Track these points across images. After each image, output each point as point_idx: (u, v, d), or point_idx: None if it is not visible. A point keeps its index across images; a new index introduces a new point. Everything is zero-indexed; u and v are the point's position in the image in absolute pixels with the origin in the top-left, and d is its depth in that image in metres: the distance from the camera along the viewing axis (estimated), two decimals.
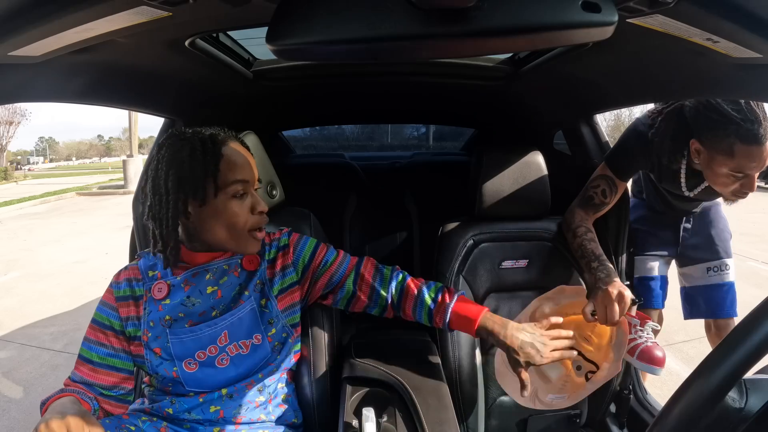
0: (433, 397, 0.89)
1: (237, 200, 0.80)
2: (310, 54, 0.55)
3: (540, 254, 1.27)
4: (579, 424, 1.22)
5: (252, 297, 0.86)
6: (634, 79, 1.03)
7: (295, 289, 0.92)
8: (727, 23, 0.57)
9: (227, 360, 0.84)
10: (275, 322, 0.88)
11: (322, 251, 0.94)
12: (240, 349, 0.85)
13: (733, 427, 0.45)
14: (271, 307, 0.88)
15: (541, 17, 0.48)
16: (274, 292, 0.89)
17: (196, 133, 0.81)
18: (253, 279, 0.88)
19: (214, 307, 0.85)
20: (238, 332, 0.84)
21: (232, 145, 0.82)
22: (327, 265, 0.93)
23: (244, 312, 0.85)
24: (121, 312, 0.85)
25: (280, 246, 0.93)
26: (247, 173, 0.81)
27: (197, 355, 0.83)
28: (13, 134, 25.14)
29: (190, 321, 0.83)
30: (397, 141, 3.11)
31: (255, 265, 0.89)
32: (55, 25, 0.56)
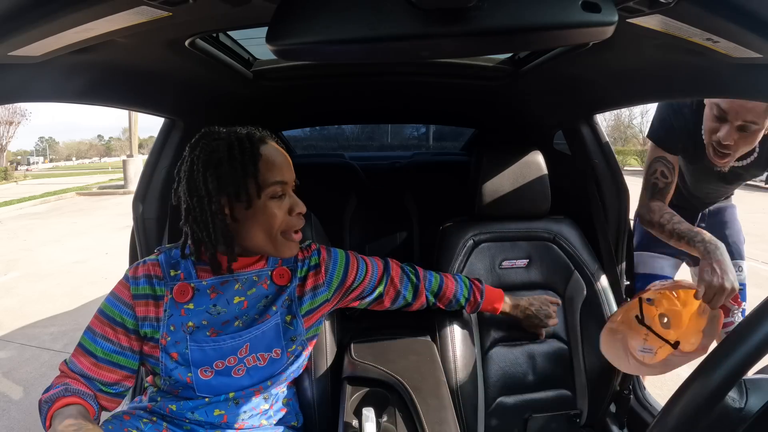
0: (433, 397, 0.89)
1: (276, 201, 0.78)
2: (310, 54, 0.55)
3: (540, 254, 1.27)
4: (579, 424, 1.22)
5: (279, 312, 0.85)
6: (634, 79, 1.03)
7: (324, 306, 0.92)
8: (727, 23, 0.57)
9: (243, 370, 0.82)
10: (297, 339, 0.87)
11: (353, 268, 0.95)
12: (258, 361, 0.83)
13: (733, 427, 0.45)
14: (297, 324, 0.87)
15: (541, 17, 0.48)
16: (302, 311, 0.87)
17: (232, 132, 0.79)
18: (282, 295, 0.86)
19: (238, 317, 0.82)
20: (259, 345, 0.83)
21: (270, 143, 0.81)
22: (359, 282, 0.95)
23: (268, 326, 0.84)
24: (137, 311, 0.80)
25: (311, 265, 0.91)
26: (286, 174, 0.80)
27: (215, 364, 0.80)
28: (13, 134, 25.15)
29: (213, 329, 0.80)
30: (397, 141, 3.11)
31: (286, 280, 0.87)
32: (55, 25, 0.56)
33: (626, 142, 26.33)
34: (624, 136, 26.91)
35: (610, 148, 1.42)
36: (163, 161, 1.37)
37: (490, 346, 1.20)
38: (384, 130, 3.07)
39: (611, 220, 1.37)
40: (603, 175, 1.38)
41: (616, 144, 24.55)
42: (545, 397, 1.21)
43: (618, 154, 2.03)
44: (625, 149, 20.39)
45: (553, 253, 1.27)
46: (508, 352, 1.21)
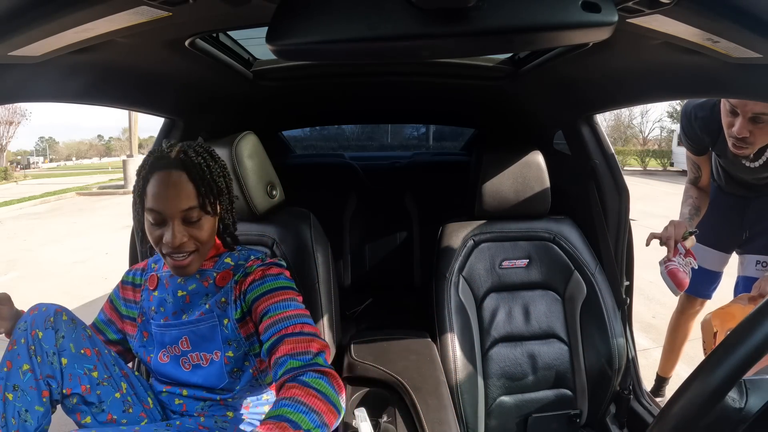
0: (433, 397, 0.89)
1: (153, 226, 0.81)
2: (310, 54, 0.55)
3: (540, 254, 1.27)
4: (579, 424, 1.22)
5: (214, 312, 0.86)
6: (634, 79, 1.03)
7: (249, 319, 0.86)
8: (727, 23, 0.57)
9: (189, 365, 0.87)
10: (234, 344, 0.85)
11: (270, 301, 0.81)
12: (200, 360, 0.86)
13: (733, 427, 0.45)
14: (232, 328, 0.85)
15: (541, 17, 0.48)
16: (236, 316, 0.85)
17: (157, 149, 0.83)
18: (217, 294, 0.87)
19: (183, 309, 0.88)
20: (199, 343, 0.86)
21: (167, 172, 0.79)
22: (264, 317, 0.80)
23: (204, 325, 0.86)
24: (122, 293, 0.96)
25: (246, 272, 0.87)
26: (162, 206, 0.78)
27: (167, 348, 0.88)
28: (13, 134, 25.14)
29: (166, 317, 0.88)
30: (397, 141, 3.11)
31: (225, 281, 0.88)
32: (55, 25, 0.56)
33: (626, 142, 26.33)
34: (624, 136, 26.90)
35: (610, 148, 1.42)
36: None
37: (490, 345, 1.20)
38: (384, 130, 3.07)
39: (611, 220, 1.37)
40: (603, 175, 1.38)
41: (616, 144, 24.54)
42: (545, 397, 1.21)
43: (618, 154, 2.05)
44: (625, 149, 20.39)
45: (553, 253, 1.27)
46: (508, 352, 1.21)
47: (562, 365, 1.22)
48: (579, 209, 1.40)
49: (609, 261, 1.32)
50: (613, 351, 1.19)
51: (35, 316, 0.81)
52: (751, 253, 1.51)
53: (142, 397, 0.88)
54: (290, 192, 1.22)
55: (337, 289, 1.16)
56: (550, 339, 1.23)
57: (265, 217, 1.11)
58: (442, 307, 1.16)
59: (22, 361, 0.78)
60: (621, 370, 1.20)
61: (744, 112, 1.12)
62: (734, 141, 1.19)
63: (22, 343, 0.78)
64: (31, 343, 0.78)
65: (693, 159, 1.50)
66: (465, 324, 1.16)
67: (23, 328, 0.80)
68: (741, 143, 1.18)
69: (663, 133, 25.53)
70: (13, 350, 0.78)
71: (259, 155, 1.09)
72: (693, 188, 1.52)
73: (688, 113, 1.41)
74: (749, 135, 1.15)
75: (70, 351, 0.80)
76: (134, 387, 0.88)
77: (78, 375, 0.80)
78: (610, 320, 1.20)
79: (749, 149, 1.20)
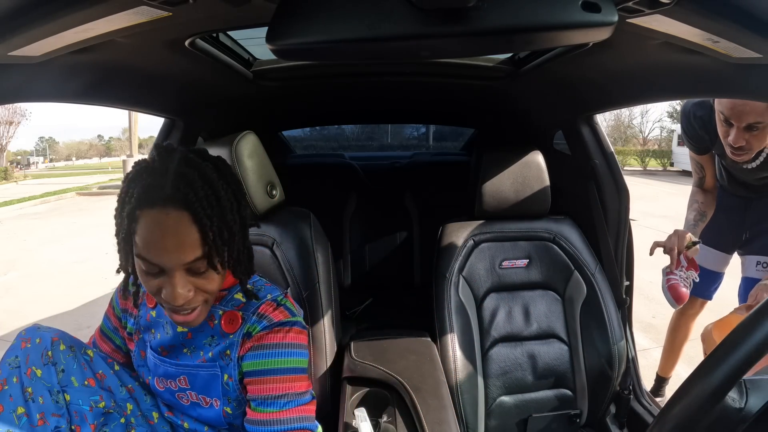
0: (433, 397, 0.89)
1: (147, 275, 0.64)
2: (310, 54, 0.55)
3: (540, 254, 1.27)
4: (579, 424, 1.22)
5: (216, 363, 0.76)
6: (634, 79, 1.03)
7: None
8: (727, 23, 0.57)
9: (188, 401, 0.80)
10: (234, 402, 0.78)
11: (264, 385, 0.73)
12: (200, 401, 0.79)
13: (733, 427, 0.45)
14: (233, 387, 0.76)
15: (541, 17, 0.48)
16: (239, 376, 0.76)
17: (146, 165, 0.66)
18: (222, 344, 0.76)
19: (184, 344, 0.78)
20: (198, 386, 0.78)
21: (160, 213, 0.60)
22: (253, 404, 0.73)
23: (206, 372, 0.77)
24: (122, 304, 0.87)
25: (250, 332, 0.75)
26: (157, 257, 0.62)
27: (162, 380, 0.80)
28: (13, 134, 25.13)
29: (162, 348, 0.79)
30: (397, 141, 3.11)
31: (234, 328, 0.76)
32: (55, 25, 0.56)
33: (626, 142, 26.34)
34: (624, 136, 26.91)
35: (610, 148, 1.43)
36: None
37: (490, 345, 1.20)
38: (384, 130, 3.07)
39: (611, 220, 1.37)
40: (603, 175, 1.38)
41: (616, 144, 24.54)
42: (545, 397, 1.21)
43: (618, 154, 2.06)
44: (625, 149, 20.39)
45: (553, 253, 1.27)
46: (508, 352, 1.21)
47: (562, 365, 1.22)
48: (579, 209, 1.40)
49: (609, 261, 1.32)
50: (613, 351, 1.19)
51: (29, 351, 0.71)
52: (752, 253, 1.52)
53: (148, 415, 0.83)
54: (290, 192, 1.21)
55: (337, 288, 1.16)
56: (550, 339, 1.23)
57: (265, 217, 1.11)
58: (442, 307, 1.16)
59: (16, 403, 0.67)
60: (621, 370, 1.20)
61: (738, 123, 1.14)
62: (731, 149, 1.21)
63: (14, 383, 0.68)
64: (27, 384, 0.68)
65: (696, 159, 1.51)
66: (465, 324, 1.16)
67: (14, 365, 0.69)
68: (738, 151, 1.20)
69: (663, 133, 25.56)
70: (3, 391, 0.67)
71: (259, 155, 1.09)
72: (699, 192, 1.52)
73: (687, 112, 1.42)
74: (745, 143, 1.16)
75: (73, 386, 0.73)
76: (139, 404, 0.82)
77: (84, 412, 0.73)
78: (610, 320, 1.20)
79: (746, 155, 1.22)
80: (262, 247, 1.09)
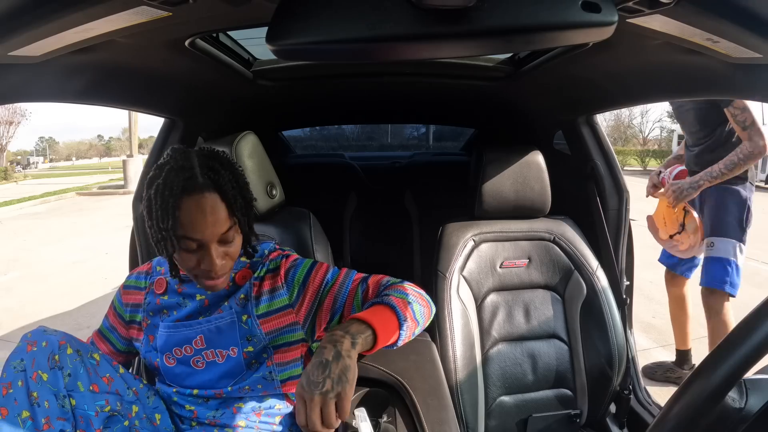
0: (433, 397, 0.89)
1: (187, 252, 0.74)
2: (310, 54, 0.55)
3: (540, 254, 1.27)
4: (579, 424, 1.22)
5: (233, 309, 0.84)
6: (634, 79, 1.03)
7: (287, 313, 0.85)
8: (727, 23, 0.57)
9: (203, 363, 0.84)
10: (254, 340, 0.84)
11: (320, 272, 0.87)
12: (216, 357, 0.84)
13: (733, 427, 0.45)
14: (252, 325, 0.84)
15: (541, 17, 0.48)
16: (258, 312, 0.84)
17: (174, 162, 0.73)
18: (237, 292, 0.85)
19: (201, 312, 0.85)
20: (215, 340, 0.83)
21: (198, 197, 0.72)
22: (328, 286, 0.86)
23: (223, 322, 0.83)
24: (124, 298, 0.91)
25: (271, 268, 0.87)
26: (200, 233, 0.72)
27: (175, 351, 0.84)
28: (13, 134, 25.14)
29: (177, 319, 0.85)
30: (397, 141, 3.11)
31: (245, 279, 0.86)
32: (55, 25, 0.56)
33: (626, 142, 26.35)
34: (624, 136, 26.92)
35: (610, 148, 1.43)
36: None
37: (491, 346, 1.20)
38: (384, 130, 3.07)
39: (611, 220, 1.37)
40: (603, 175, 1.38)
41: (616, 144, 24.54)
42: (545, 396, 1.21)
43: (618, 154, 2.13)
44: (625, 149, 20.40)
45: (553, 253, 1.27)
46: (509, 352, 1.21)
47: (562, 365, 1.22)
48: (579, 209, 1.40)
49: (609, 261, 1.32)
50: (613, 351, 1.19)
51: (35, 355, 0.72)
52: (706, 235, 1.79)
53: (151, 417, 0.84)
54: (290, 192, 1.22)
55: None
56: (551, 339, 1.23)
57: (265, 216, 1.11)
58: (442, 307, 1.16)
59: (21, 407, 0.69)
60: (621, 370, 1.20)
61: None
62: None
63: (19, 387, 0.69)
64: (32, 388, 0.69)
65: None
66: (465, 324, 1.16)
67: (19, 368, 0.70)
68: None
69: (663, 133, 25.57)
70: (8, 395, 0.69)
71: (259, 155, 1.09)
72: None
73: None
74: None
75: (79, 390, 0.74)
76: (144, 406, 0.84)
77: (89, 417, 0.74)
78: (610, 320, 1.20)
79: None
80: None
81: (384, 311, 0.76)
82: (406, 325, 0.77)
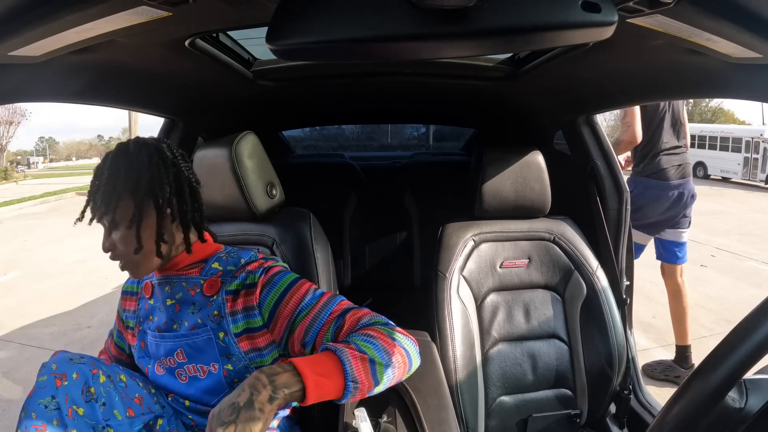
0: (433, 397, 0.89)
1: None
2: (310, 54, 0.55)
3: (540, 254, 1.27)
4: (579, 424, 1.22)
5: (208, 326, 0.81)
6: (634, 79, 1.03)
7: (263, 333, 0.81)
8: (727, 23, 0.57)
9: (186, 377, 0.82)
10: (233, 358, 0.81)
11: (295, 295, 0.79)
12: (197, 371, 0.82)
13: (733, 427, 0.45)
14: (230, 342, 0.80)
15: (541, 17, 0.48)
16: (236, 330, 0.80)
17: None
18: (209, 307, 0.81)
19: (174, 319, 0.83)
20: (195, 355, 0.81)
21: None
22: (302, 314, 0.77)
23: (200, 339, 0.81)
24: (123, 304, 0.94)
25: (247, 283, 0.81)
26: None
27: (163, 360, 0.84)
28: (13, 134, 25.13)
29: (159, 327, 0.85)
30: (397, 141, 3.11)
31: (214, 291, 0.82)
32: (55, 25, 0.56)
33: None
34: None
35: (611, 148, 1.43)
36: None
37: (491, 346, 1.20)
38: (384, 130, 3.07)
39: (611, 220, 1.37)
40: (603, 175, 1.38)
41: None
42: (545, 396, 1.21)
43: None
44: None
45: (553, 253, 1.27)
46: (509, 352, 1.21)
47: (562, 365, 1.22)
48: (579, 209, 1.40)
49: (609, 261, 1.32)
50: (613, 351, 1.19)
51: (67, 389, 0.67)
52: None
53: (172, 427, 0.82)
54: (290, 192, 1.22)
55: (337, 289, 1.16)
56: (551, 339, 1.23)
57: (265, 217, 1.11)
58: (442, 307, 1.16)
59: None
60: (621, 370, 1.20)
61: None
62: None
63: (55, 426, 0.65)
64: (70, 426, 0.65)
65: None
66: (465, 324, 1.16)
67: (52, 407, 0.66)
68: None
69: None
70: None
71: (259, 155, 1.09)
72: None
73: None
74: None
75: (116, 419, 0.71)
76: (168, 418, 0.82)
77: None
78: (610, 320, 1.20)
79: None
80: (262, 247, 1.09)
81: (331, 364, 0.65)
82: (354, 386, 0.65)
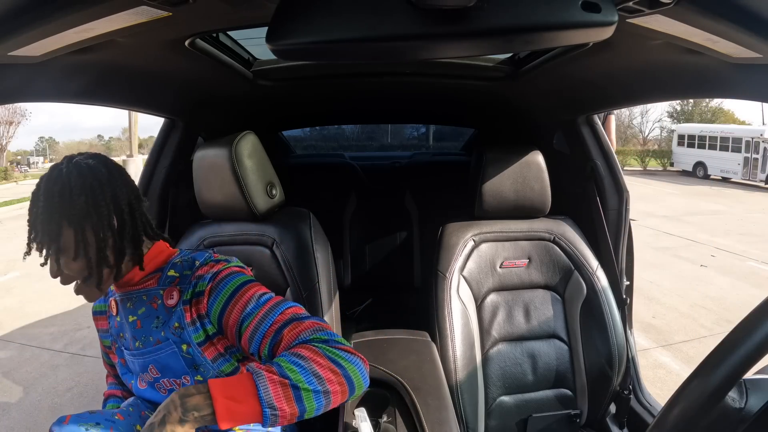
0: (433, 397, 0.89)
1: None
2: (310, 54, 0.55)
3: (540, 254, 1.27)
4: (579, 424, 1.22)
5: (170, 340, 0.79)
6: (634, 79, 1.03)
7: (219, 339, 0.80)
8: (727, 23, 0.57)
9: (164, 390, 0.82)
10: (201, 369, 0.80)
11: (239, 304, 0.75)
12: (173, 385, 0.81)
13: (733, 427, 0.45)
14: (194, 353, 0.79)
15: (541, 17, 0.48)
16: (197, 339, 0.79)
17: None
18: (170, 319, 0.80)
19: (135, 337, 0.82)
20: (165, 369, 0.81)
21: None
22: (245, 324, 0.74)
23: (165, 353, 0.80)
24: (96, 324, 0.93)
25: (197, 291, 0.79)
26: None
27: (142, 375, 0.84)
28: (13, 134, 25.12)
29: (130, 345, 0.84)
30: (397, 141, 3.11)
31: (174, 301, 0.80)
32: (55, 25, 0.56)
33: (626, 142, 26.31)
34: (624, 136, 26.89)
35: (611, 148, 1.43)
36: (163, 161, 1.37)
37: (491, 346, 1.20)
38: (384, 130, 3.07)
39: (611, 220, 1.37)
40: (603, 175, 1.38)
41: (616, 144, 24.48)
42: (545, 396, 1.21)
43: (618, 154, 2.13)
44: (625, 149, 20.38)
45: (553, 253, 1.27)
46: (509, 352, 1.21)
47: (562, 365, 1.22)
48: (579, 209, 1.40)
49: (609, 261, 1.32)
50: (613, 351, 1.19)
51: None
52: None
53: None
54: (290, 192, 1.22)
55: (337, 288, 1.16)
56: (550, 339, 1.23)
57: (265, 217, 1.11)
58: (442, 307, 1.16)
59: None
60: (621, 370, 1.20)
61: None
62: None
63: None
64: None
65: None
66: (465, 324, 1.16)
67: None
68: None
69: (663, 133, 25.57)
70: None
71: (259, 155, 1.09)
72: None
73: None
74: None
75: None
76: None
77: None
78: (610, 320, 1.20)
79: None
80: (262, 247, 1.09)
81: (247, 389, 0.61)
82: (272, 413, 0.61)
